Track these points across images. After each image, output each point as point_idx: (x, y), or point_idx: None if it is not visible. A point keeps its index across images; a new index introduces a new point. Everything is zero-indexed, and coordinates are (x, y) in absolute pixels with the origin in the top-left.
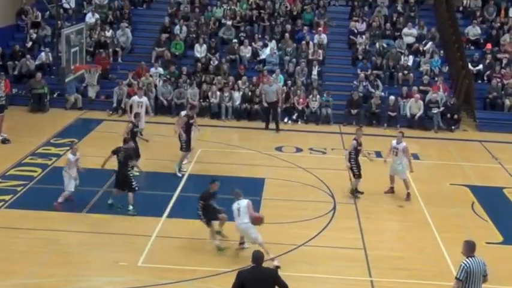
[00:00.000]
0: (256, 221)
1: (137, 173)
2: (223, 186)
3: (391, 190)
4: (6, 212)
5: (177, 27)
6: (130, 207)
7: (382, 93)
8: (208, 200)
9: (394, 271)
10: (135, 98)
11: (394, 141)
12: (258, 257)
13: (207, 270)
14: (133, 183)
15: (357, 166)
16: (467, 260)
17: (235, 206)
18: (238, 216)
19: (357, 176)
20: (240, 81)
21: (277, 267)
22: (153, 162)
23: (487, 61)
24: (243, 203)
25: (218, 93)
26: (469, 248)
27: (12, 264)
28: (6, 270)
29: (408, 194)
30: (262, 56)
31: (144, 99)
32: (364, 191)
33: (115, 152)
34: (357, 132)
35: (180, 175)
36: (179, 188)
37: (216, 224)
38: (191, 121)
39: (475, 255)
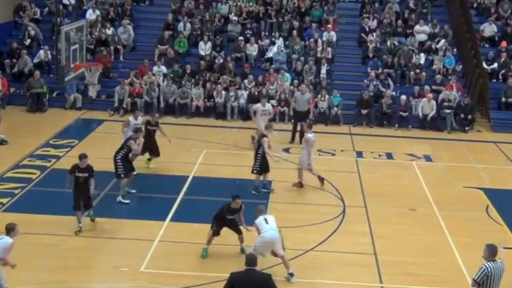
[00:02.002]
0: None
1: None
2: (228, 189)
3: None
4: (3, 215)
5: (181, 24)
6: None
7: (394, 93)
8: (225, 214)
9: (406, 277)
10: (132, 120)
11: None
12: (251, 259)
13: (211, 276)
14: (119, 169)
15: (260, 162)
16: (488, 264)
17: (259, 219)
18: (266, 224)
19: (257, 171)
20: (246, 80)
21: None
22: (155, 163)
23: (502, 59)
24: (270, 216)
25: (223, 92)
26: (491, 252)
27: (9, 269)
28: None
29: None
30: (269, 54)
31: (140, 120)
32: (372, 193)
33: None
34: (268, 128)
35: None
36: (183, 191)
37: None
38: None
39: (496, 260)
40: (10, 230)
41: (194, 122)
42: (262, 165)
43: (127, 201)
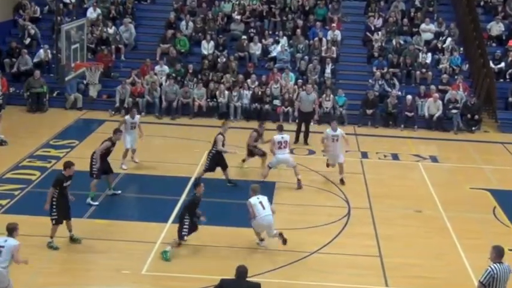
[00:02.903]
0: None
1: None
2: (230, 190)
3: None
4: (2, 217)
5: (183, 22)
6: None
7: (399, 93)
8: (194, 209)
9: (412, 279)
10: (128, 118)
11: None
12: (241, 272)
13: (213, 278)
14: (93, 169)
15: (210, 160)
16: (494, 266)
17: (254, 200)
18: (263, 209)
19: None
20: (249, 80)
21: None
22: (157, 165)
23: (510, 59)
24: (264, 197)
25: (226, 92)
26: (498, 254)
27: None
28: None
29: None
30: (273, 53)
31: (137, 118)
32: (377, 195)
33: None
34: (223, 126)
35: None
36: (185, 192)
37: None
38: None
39: (502, 262)
40: (13, 230)
41: (196, 122)
42: (211, 164)
43: (96, 203)
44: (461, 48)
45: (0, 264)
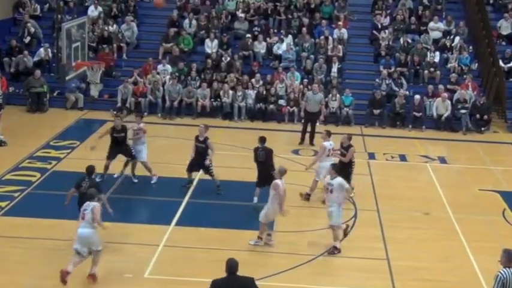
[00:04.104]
0: None
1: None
2: (234, 192)
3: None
4: (2, 219)
5: (186, 21)
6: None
7: (407, 92)
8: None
9: (419, 282)
10: (134, 125)
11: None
12: (232, 266)
13: None
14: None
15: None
16: (504, 270)
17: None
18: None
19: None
20: (253, 79)
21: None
22: (159, 166)
23: None
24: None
25: (230, 92)
26: (508, 258)
27: (9, 275)
28: (3, 282)
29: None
30: (278, 52)
31: (142, 125)
32: (385, 196)
33: None
34: (200, 129)
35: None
36: (188, 194)
37: None
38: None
39: None
40: (93, 196)
41: (200, 122)
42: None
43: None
44: (470, 47)
45: (87, 226)
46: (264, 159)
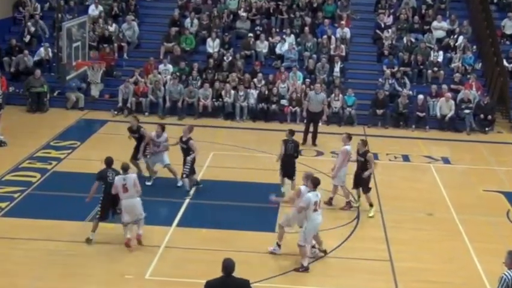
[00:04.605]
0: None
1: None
2: (236, 192)
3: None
4: (2, 220)
5: (188, 20)
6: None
7: (410, 92)
8: None
9: (423, 284)
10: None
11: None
12: (229, 266)
13: None
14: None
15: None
16: (509, 272)
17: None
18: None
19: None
20: (255, 79)
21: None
22: (160, 166)
23: None
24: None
25: (232, 91)
26: None
27: (9, 277)
28: (2, 283)
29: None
30: (280, 52)
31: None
32: (388, 197)
33: None
34: (184, 128)
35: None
36: (189, 195)
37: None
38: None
39: None
40: (127, 168)
41: (201, 122)
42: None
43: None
44: (474, 47)
45: (133, 196)
46: (292, 152)
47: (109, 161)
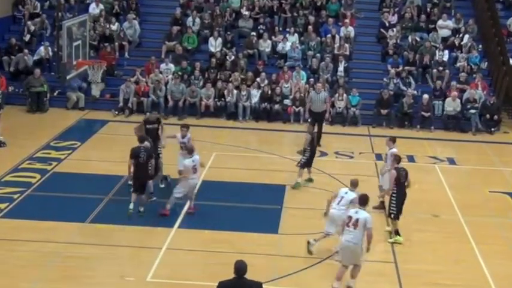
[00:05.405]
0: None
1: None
2: (239, 193)
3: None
4: (2, 221)
5: (190, 19)
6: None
7: (415, 92)
8: None
9: (428, 286)
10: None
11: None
12: (240, 268)
13: None
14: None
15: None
16: None
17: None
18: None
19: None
20: (258, 78)
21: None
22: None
23: None
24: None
25: (235, 91)
26: None
27: (8, 278)
28: (2, 285)
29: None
30: (283, 51)
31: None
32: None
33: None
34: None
35: None
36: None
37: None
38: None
39: None
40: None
41: (204, 122)
42: None
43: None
44: (480, 46)
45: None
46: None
47: (141, 139)
